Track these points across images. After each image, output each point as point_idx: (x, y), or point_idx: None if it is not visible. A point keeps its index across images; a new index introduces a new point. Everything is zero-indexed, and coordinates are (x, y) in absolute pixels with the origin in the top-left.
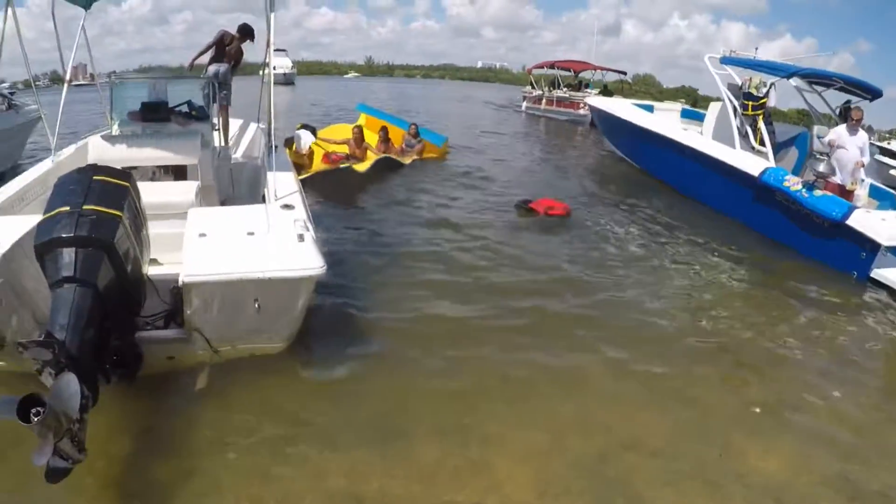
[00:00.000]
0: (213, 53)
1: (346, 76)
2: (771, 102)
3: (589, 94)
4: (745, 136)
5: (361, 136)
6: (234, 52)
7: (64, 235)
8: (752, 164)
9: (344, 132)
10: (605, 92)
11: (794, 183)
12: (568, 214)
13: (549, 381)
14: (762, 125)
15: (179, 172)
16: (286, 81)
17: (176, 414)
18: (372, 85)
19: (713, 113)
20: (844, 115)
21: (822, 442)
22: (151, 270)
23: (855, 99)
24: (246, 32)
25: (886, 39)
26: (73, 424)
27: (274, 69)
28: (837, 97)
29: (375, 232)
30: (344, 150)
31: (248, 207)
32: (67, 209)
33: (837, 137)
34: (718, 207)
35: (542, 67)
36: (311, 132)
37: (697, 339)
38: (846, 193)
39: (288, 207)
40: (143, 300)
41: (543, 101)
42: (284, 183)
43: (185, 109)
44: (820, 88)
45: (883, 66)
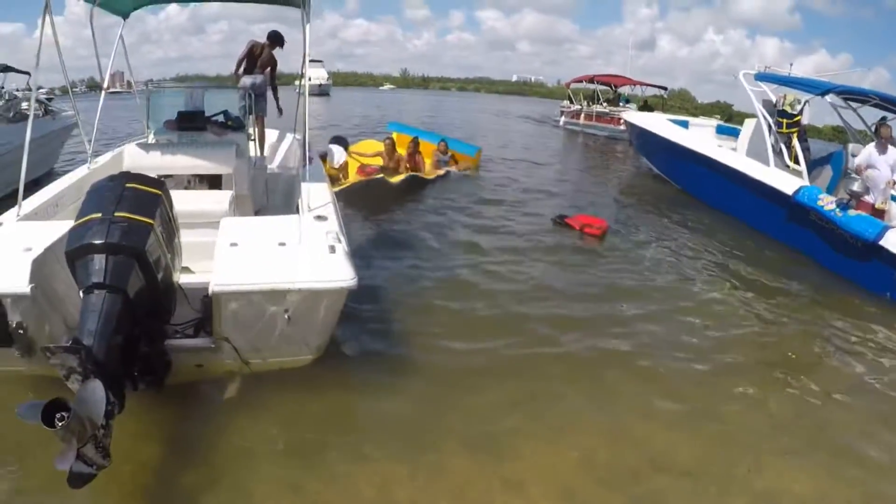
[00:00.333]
0: (246, 64)
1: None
2: (805, 120)
3: (625, 109)
4: (779, 153)
5: (394, 147)
6: (266, 60)
7: (95, 242)
8: (786, 182)
9: (375, 147)
10: (645, 107)
11: (828, 202)
12: (604, 233)
13: (579, 397)
14: (796, 143)
15: (214, 182)
16: (321, 92)
17: (205, 422)
18: (407, 97)
19: (748, 130)
20: (878, 131)
21: (853, 462)
22: (183, 279)
23: (890, 116)
24: (275, 39)
25: None
26: (97, 430)
27: (309, 80)
28: (873, 114)
29: (408, 244)
30: (378, 161)
31: (280, 218)
32: (99, 216)
33: (866, 159)
34: (753, 225)
35: (580, 82)
36: (343, 145)
37: (729, 357)
38: (878, 212)
39: (321, 219)
40: (173, 308)
41: (582, 115)
42: (318, 194)
43: (221, 119)
44: (855, 105)
45: None
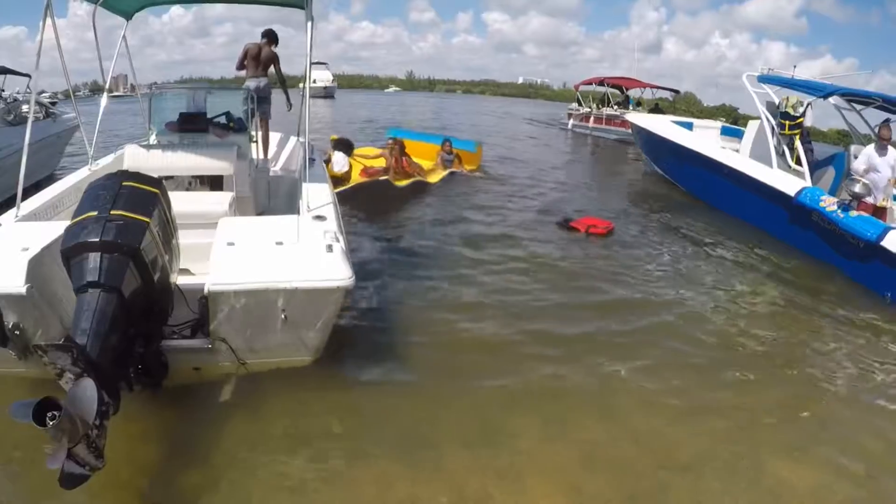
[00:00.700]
0: (248, 66)
1: (386, 90)
2: (807, 122)
3: (632, 111)
4: (782, 155)
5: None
6: (266, 58)
7: (90, 240)
8: (788, 183)
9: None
10: (655, 110)
11: (829, 203)
12: (609, 232)
13: (579, 395)
14: (799, 145)
15: (216, 183)
16: (326, 95)
17: (203, 423)
18: (412, 100)
19: (751, 131)
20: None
21: (851, 459)
22: (181, 280)
23: (894, 118)
24: (270, 36)
25: None
26: (90, 430)
27: (314, 82)
28: (877, 116)
29: (410, 246)
30: (381, 163)
31: (278, 218)
32: (95, 214)
33: (866, 161)
34: (756, 225)
35: (590, 84)
36: (347, 148)
37: (730, 356)
38: (879, 212)
39: (320, 219)
40: (170, 309)
41: (591, 118)
42: (319, 195)
43: (223, 121)
44: (859, 107)
45: None
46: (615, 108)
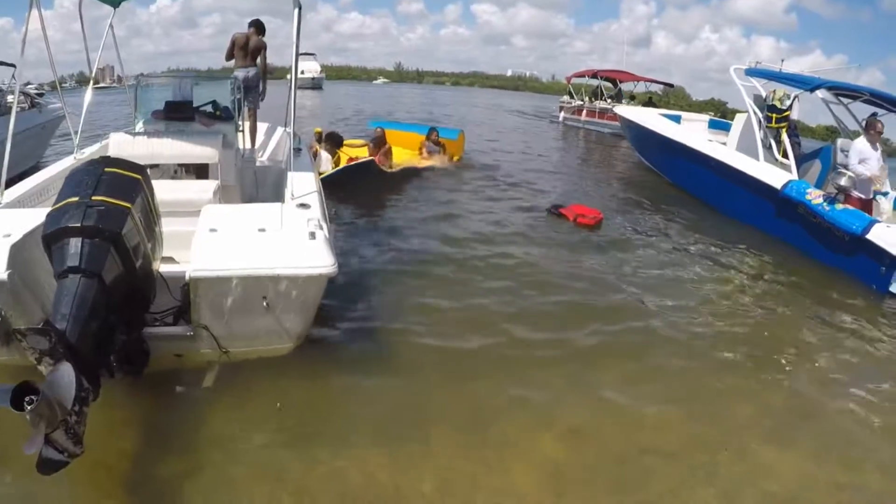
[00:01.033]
0: (237, 56)
1: (374, 82)
2: (794, 115)
3: (627, 105)
4: (768, 148)
5: (382, 139)
6: (255, 46)
7: (70, 225)
8: (774, 176)
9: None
10: (649, 104)
11: (815, 196)
12: (598, 223)
13: (565, 382)
14: (785, 138)
15: (201, 172)
16: (314, 86)
17: (185, 410)
18: (401, 91)
19: (738, 124)
20: (865, 126)
21: (838, 449)
22: (165, 267)
23: (881, 112)
24: (258, 25)
25: None
26: (68, 416)
27: (302, 73)
28: (865, 110)
29: (397, 234)
30: (364, 153)
31: (262, 205)
32: (76, 199)
33: (859, 154)
34: (742, 219)
35: (582, 76)
36: (335, 143)
37: (715, 345)
38: (865, 205)
39: (304, 206)
40: (152, 296)
41: (584, 111)
42: (304, 183)
43: (209, 109)
44: (846, 101)
45: None
46: (609, 101)
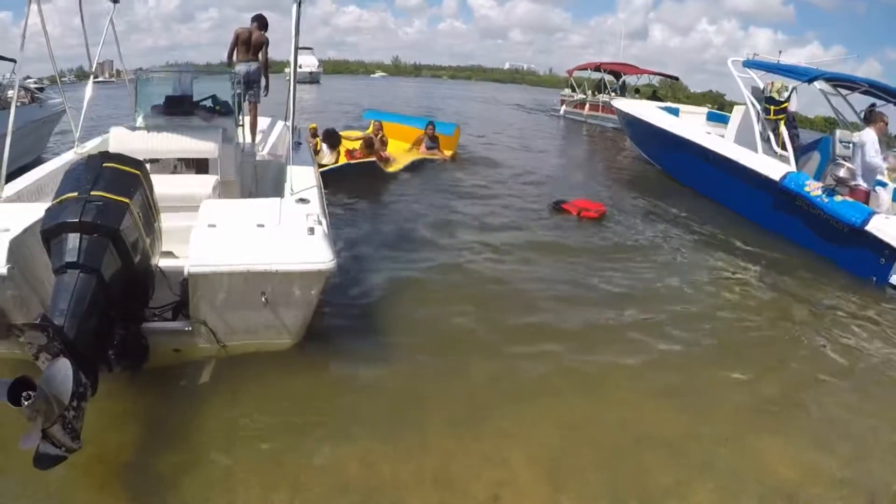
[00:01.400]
0: (239, 50)
1: (372, 76)
2: (792, 107)
3: (633, 98)
4: (767, 140)
5: (378, 132)
6: (258, 41)
7: (69, 220)
8: (773, 168)
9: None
10: (653, 97)
11: (814, 188)
12: (601, 215)
13: (563, 377)
14: (784, 129)
15: (201, 166)
16: (312, 80)
17: (184, 404)
18: (399, 85)
19: (736, 117)
20: (868, 118)
21: (836, 441)
22: (164, 262)
23: (880, 103)
24: (260, 21)
25: None
26: (66, 411)
27: (300, 67)
28: (863, 101)
29: (395, 229)
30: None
31: (261, 200)
32: (75, 195)
33: (875, 144)
34: (741, 211)
35: (584, 69)
36: (334, 140)
37: (715, 337)
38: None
39: (303, 202)
40: (151, 291)
41: (587, 105)
42: (303, 178)
43: (209, 104)
44: (845, 92)
45: None
46: (613, 94)
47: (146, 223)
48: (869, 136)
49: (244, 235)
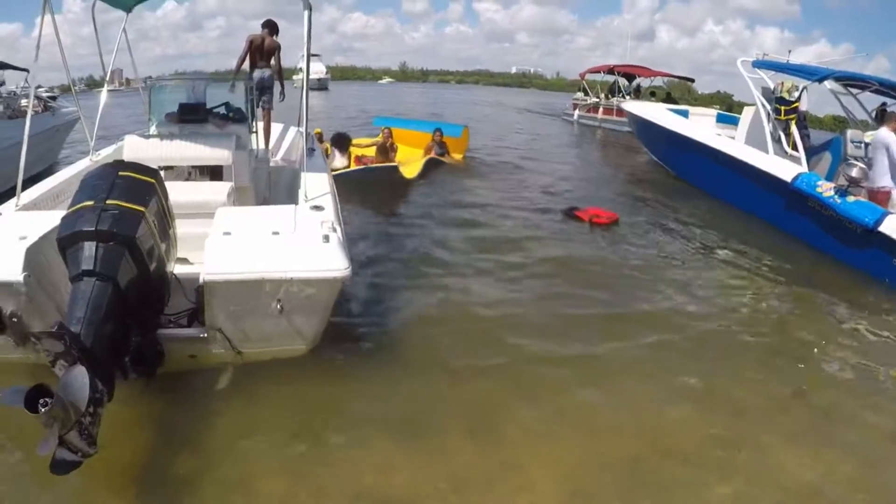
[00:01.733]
0: (251, 58)
1: (380, 81)
2: (803, 106)
3: (636, 100)
4: (777, 140)
5: (387, 139)
6: (271, 47)
7: (85, 229)
8: (784, 169)
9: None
10: (668, 99)
11: (826, 189)
12: (613, 222)
13: (581, 384)
14: (795, 130)
15: (215, 173)
16: (320, 87)
17: (200, 410)
18: (406, 90)
19: (746, 117)
20: (881, 117)
21: (856, 449)
22: (179, 269)
23: (891, 101)
24: (271, 26)
25: None
26: (82, 417)
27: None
28: (873, 100)
29: (411, 235)
30: (372, 152)
31: (276, 208)
32: (91, 203)
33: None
34: (753, 213)
35: (597, 72)
36: (345, 143)
37: (731, 343)
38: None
39: (317, 209)
40: (167, 298)
41: (601, 109)
42: (317, 184)
43: (222, 111)
44: (855, 91)
45: None
46: (628, 97)
47: (161, 230)
48: (890, 136)
49: (259, 243)
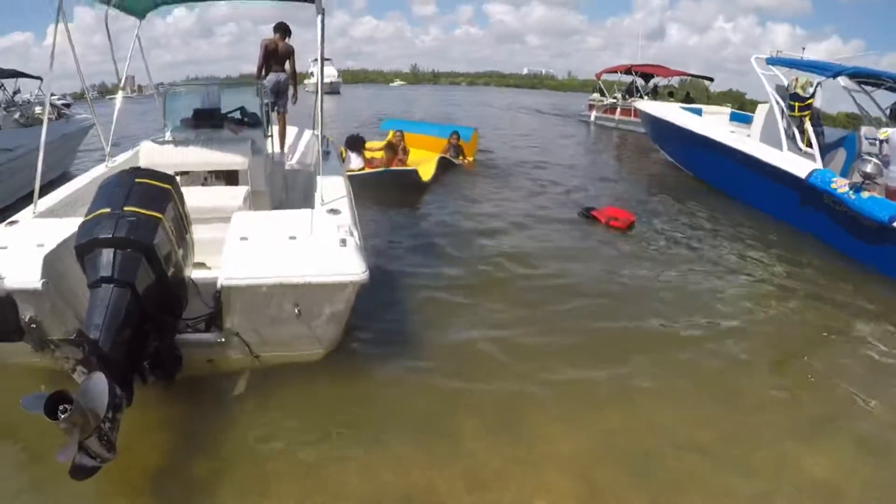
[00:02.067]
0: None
1: (391, 84)
2: (817, 103)
3: (668, 101)
4: (792, 137)
5: (399, 142)
6: (286, 51)
7: (102, 236)
8: (799, 166)
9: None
10: (687, 99)
11: (841, 185)
12: (630, 225)
13: (595, 384)
14: (809, 126)
15: (231, 178)
16: (332, 90)
17: (217, 414)
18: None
19: (760, 115)
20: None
21: (872, 448)
22: (196, 274)
23: None
24: (284, 30)
25: None
26: (102, 423)
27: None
28: (887, 97)
29: (427, 236)
30: (380, 154)
31: (292, 212)
32: (108, 210)
33: None
34: (767, 210)
35: (614, 72)
36: (359, 145)
37: (750, 344)
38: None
39: (334, 212)
40: (184, 303)
41: (618, 110)
42: (333, 188)
43: (237, 116)
44: (869, 88)
45: None
46: (646, 98)
47: (178, 236)
48: None
49: (276, 248)
